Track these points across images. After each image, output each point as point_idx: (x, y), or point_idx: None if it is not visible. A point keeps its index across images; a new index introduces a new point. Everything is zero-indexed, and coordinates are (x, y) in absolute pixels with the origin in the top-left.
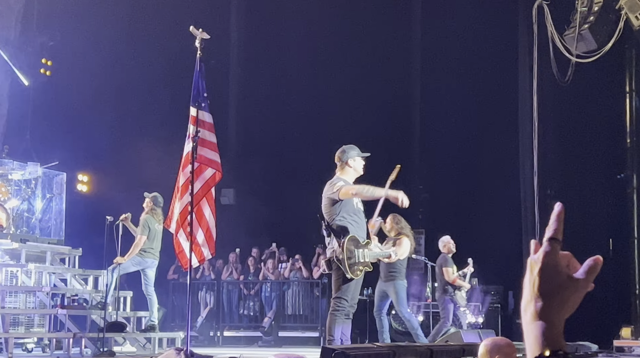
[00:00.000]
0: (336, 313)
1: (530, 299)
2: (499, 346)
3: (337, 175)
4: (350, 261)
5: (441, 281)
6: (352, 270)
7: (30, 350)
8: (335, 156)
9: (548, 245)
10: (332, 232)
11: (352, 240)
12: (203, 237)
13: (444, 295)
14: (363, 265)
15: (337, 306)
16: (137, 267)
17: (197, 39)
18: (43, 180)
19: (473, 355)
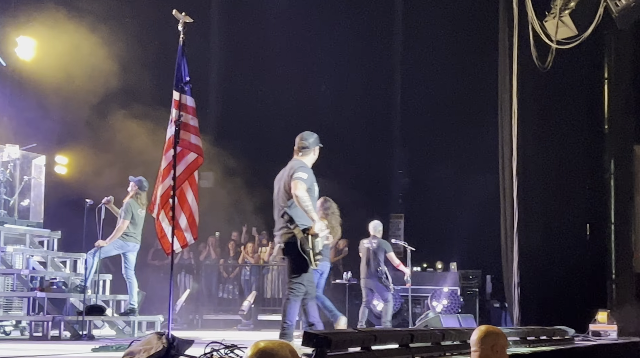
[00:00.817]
0: (294, 298)
1: None
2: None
3: (301, 159)
4: (314, 252)
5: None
6: (315, 260)
7: (8, 332)
8: (299, 141)
9: None
10: (291, 218)
11: (312, 232)
12: (186, 222)
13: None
14: (320, 255)
15: (296, 291)
16: (119, 250)
17: (180, 23)
18: (22, 162)
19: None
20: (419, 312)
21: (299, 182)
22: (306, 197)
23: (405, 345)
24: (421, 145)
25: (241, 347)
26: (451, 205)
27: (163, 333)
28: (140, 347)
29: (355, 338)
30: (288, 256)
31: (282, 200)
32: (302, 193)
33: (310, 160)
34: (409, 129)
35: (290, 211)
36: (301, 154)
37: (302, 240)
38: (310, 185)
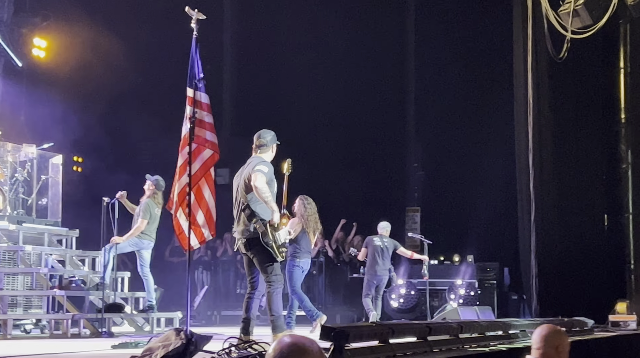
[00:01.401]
0: (275, 291)
1: None
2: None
3: (261, 156)
4: (277, 245)
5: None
6: (280, 253)
7: (28, 331)
8: (257, 139)
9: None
10: (252, 213)
11: (272, 224)
12: (203, 218)
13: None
14: (284, 247)
15: (275, 283)
16: (134, 247)
17: (192, 20)
18: (39, 161)
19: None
20: (437, 305)
21: (259, 174)
22: (265, 188)
23: (423, 338)
24: (436, 138)
25: (259, 342)
26: (467, 197)
27: (181, 329)
28: (159, 343)
29: (372, 332)
30: (254, 251)
31: (242, 195)
32: (262, 185)
33: (269, 158)
34: (423, 122)
35: (251, 205)
36: (259, 151)
37: (263, 234)
38: (270, 180)
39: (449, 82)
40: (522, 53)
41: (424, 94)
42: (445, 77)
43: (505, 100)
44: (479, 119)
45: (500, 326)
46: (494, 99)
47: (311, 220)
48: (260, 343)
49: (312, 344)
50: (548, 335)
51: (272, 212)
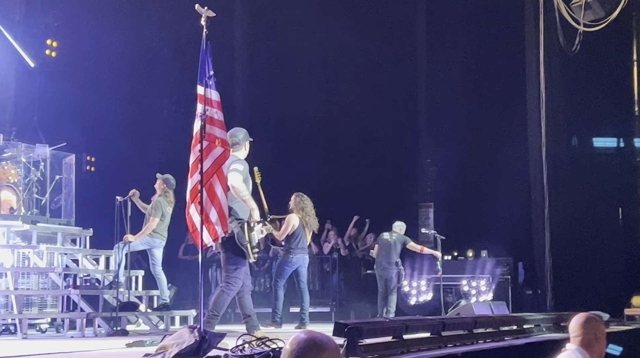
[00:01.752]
0: (228, 292)
1: None
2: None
3: (235, 155)
4: (251, 245)
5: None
6: (253, 253)
7: (44, 330)
8: (231, 137)
9: None
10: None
11: (247, 224)
12: (216, 216)
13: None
14: (258, 248)
15: (232, 285)
16: (145, 246)
17: (202, 17)
18: (52, 161)
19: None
20: (451, 300)
21: (235, 173)
22: (243, 187)
23: (437, 334)
24: (448, 133)
25: (273, 339)
26: (480, 192)
27: (195, 326)
28: (173, 341)
29: (386, 328)
30: (224, 250)
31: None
32: (239, 184)
33: (243, 155)
34: (435, 117)
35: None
36: (232, 150)
37: (239, 235)
38: (246, 178)
39: (460, 77)
40: (534, 46)
41: (435, 89)
42: (456, 72)
43: (518, 95)
44: (491, 114)
45: (514, 321)
46: (506, 94)
47: (311, 215)
48: (273, 340)
49: (329, 341)
50: (586, 322)
51: (251, 210)
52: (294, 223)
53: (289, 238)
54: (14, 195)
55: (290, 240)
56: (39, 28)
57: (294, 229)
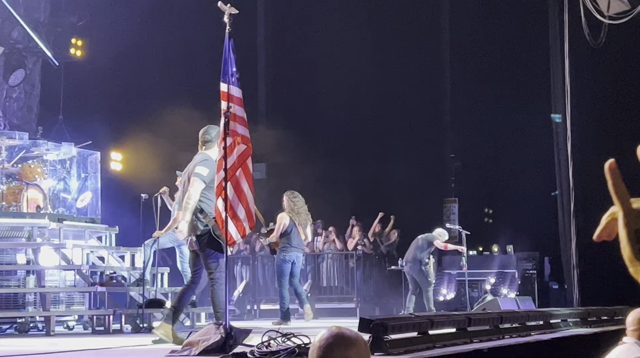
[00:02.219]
0: (219, 287)
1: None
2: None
3: (206, 153)
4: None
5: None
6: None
7: (71, 327)
8: (202, 135)
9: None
10: (202, 209)
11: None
12: (244, 212)
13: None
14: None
15: (219, 280)
16: (174, 243)
17: (225, 14)
18: (77, 159)
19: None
20: (477, 295)
21: (196, 180)
22: (195, 198)
23: (462, 329)
24: (472, 128)
25: (298, 335)
26: (505, 187)
27: (221, 323)
28: (199, 338)
29: (411, 323)
30: (203, 247)
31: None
32: (194, 192)
33: (214, 154)
34: (459, 112)
35: (199, 202)
36: (205, 147)
37: (214, 227)
38: (211, 181)
39: (484, 71)
40: (558, 39)
41: (459, 83)
42: (480, 65)
43: (542, 88)
44: (516, 108)
45: (541, 316)
46: (530, 87)
47: (301, 213)
48: (299, 336)
49: (358, 336)
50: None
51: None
52: (285, 223)
53: (281, 237)
54: (41, 193)
55: (283, 239)
56: (64, 27)
57: (285, 228)
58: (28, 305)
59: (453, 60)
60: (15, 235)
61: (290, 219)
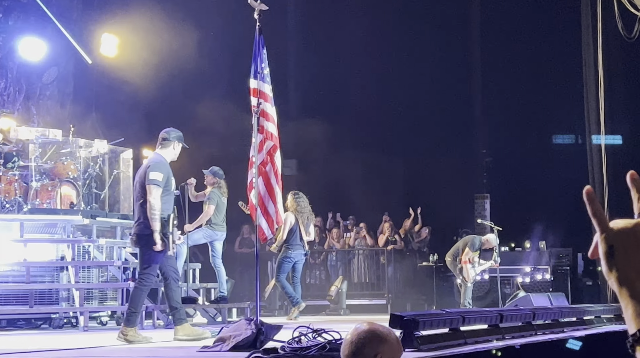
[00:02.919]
0: (142, 288)
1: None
2: None
3: (159, 153)
4: (173, 237)
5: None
6: (172, 246)
7: (104, 323)
8: (161, 134)
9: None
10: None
11: (172, 218)
12: (273, 208)
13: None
14: (175, 243)
15: (145, 281)
16: (207, 239)
17: (255, 11)
18: (110, 157)
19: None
20: (509, 292)
21: (153, 188)
22: (157, 207)
23: (494, 325)
24: (503, 123)
25: (329, 331)
26: (537, 182)
27: (252, 319)
28: (230, 333)
29: (442, 320)
30: (139, 247)
31: (138, 192)
32: (155, 201)
33: (169, 154)
34: (490, 107)
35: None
36: (160, 146)
37: (163, 224)
38: (167, 182)
39: (515, 65)
40: (591, 34)
41: (490, 78)
42: (512, 60)
43: (575, 82)
44: (548, 102)
45: (574, 312)
46: (562, 82)
47: (305, 212)
48: (330, 332)
49: (390, 332)
50: None
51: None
52: (291, 221)
53: (287, 235)
54: (74, 190)
55: (288, 237)
56: (96, 25)
57: (291, 226)
58: (62, 301)
59: (484, 54)
60: (49, 231)
61: (295, 218)
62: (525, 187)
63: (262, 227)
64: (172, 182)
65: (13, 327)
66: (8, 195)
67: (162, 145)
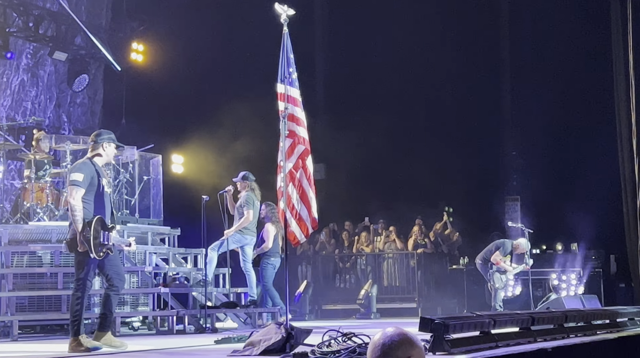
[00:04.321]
0: (77, 295)
1: None
2: None
3: (88, 154)
4: (96, 241)
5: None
6: (96, 249)
7: (136, 328)
8: (92, 136)
9: None
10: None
11: (99, 221)
12: (306, 212)
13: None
14: (105, 247)
15: (80, 288)
16: (237, 244)
17: (282, 16)
18: (140, 163)
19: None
20: (540, 294)
21: (73, 189)
22: (78, 207)
23: (526, 328)
24: (534, 125)
25: (358, 335)
26: (568, 184)
27: (282, 323)
28: (260, 337)
29: (473, 323)
30: (74, 252)
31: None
32: (75, 202)
33: (102, 158)
34: (520, 109)
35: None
36: (90, 150)
37: (83, 227)
38: (91, 183)
39: (545, 66)
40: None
41: (520, 80)
42: (542, 61)
43: (606, 83)
44: (578, 103)
45: (607, 315)
46: (593, 84)
47: (278, 222)
48: (360, 336)
49: (418, 339)
50: None
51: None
52: (271, 232)
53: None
54: None
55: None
56: (125, 32)
57: (273, 235)
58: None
59: (514, 56)
60: None
61: (274, 228)
62: (556, 188)
63: (293, 232)
64: (98, 184)
65: (46, 333)
66: (40, 202)
67: (91, 148)
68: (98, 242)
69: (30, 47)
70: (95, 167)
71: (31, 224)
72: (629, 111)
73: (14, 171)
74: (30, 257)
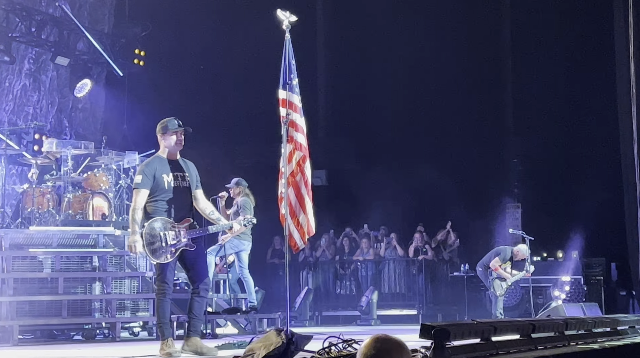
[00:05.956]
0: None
1: None
2: None
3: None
4: (151, 247)
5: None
6: (156, 255)
7: (136, 333)
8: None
9: None
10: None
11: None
12: (305, 218)
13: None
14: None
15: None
16: (234, 249)
17: (284, 22)
18: None
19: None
20: (541, 302)
21: (137, 190)
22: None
23: (526, 336)
24: (535, 132)
25: (359, 342)
26: (569, 192)
27: (282, 329)
28: (260, 343)
29: (473, 330)
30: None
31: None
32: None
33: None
34: (522, 116)
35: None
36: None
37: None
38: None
39: (547, 73)
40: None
41: (521, 87)
42: (543, 67)
43: (608, 90)
44: (580, 110)
45: (608, 322)
46: (595, 88)
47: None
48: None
49: (405, 345)
50: None
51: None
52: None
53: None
54: (106, 201)
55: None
56: (127, 38)
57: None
58: (95, 312)
59: (515, 62)
60: (82, 242)
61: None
62: (557, 196)
63: (294, 237)
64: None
65: (47, 338)
66: (41, 207)
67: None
68: (157, 246)
69: (32, 52)
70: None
71: (32, 229)
72: (630, 119)
73: (15, 176)
74: (31, 262)
